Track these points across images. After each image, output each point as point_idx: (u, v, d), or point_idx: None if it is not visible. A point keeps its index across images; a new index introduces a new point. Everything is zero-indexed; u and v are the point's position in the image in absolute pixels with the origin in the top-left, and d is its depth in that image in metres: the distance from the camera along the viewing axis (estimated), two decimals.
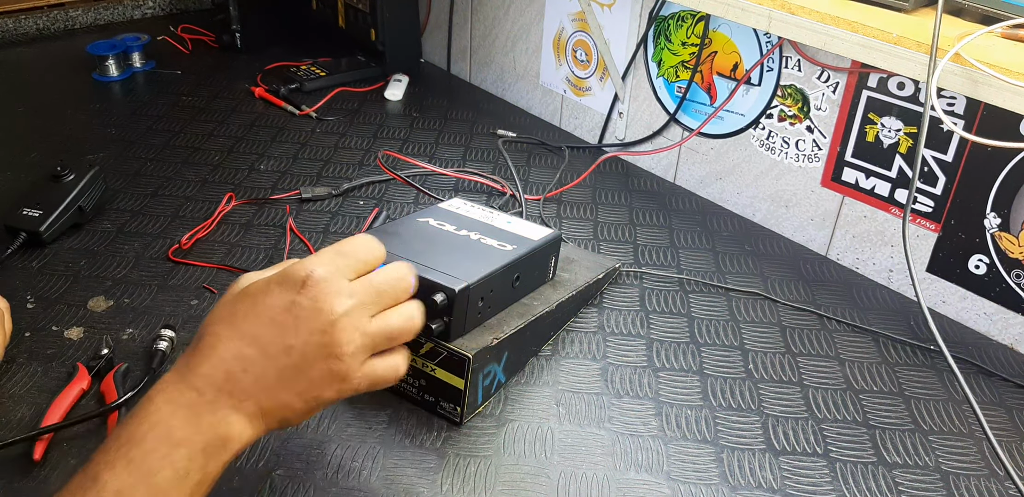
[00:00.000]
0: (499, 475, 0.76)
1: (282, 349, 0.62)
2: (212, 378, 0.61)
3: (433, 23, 1.65)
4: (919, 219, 1.02)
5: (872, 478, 0.78)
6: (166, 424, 0.59)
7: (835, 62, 1.04)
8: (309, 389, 0.63)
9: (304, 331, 0.62)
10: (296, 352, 0.62)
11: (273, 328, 0.62)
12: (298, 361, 0.62)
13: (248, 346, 0.62)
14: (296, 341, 0.62)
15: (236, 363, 0.62)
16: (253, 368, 0.62)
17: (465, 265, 0.81)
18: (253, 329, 0.63)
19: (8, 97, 1.44)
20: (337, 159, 1.29)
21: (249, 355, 0.62)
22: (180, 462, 0.58)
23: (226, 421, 0.61)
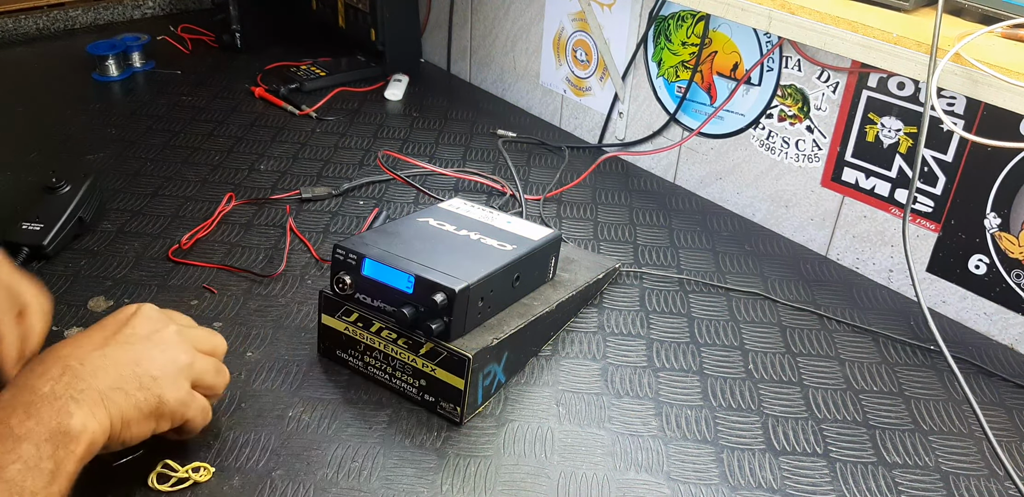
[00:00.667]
0: (499, 475, 0.76)
1: (119, 344, 0.69)
2: (48, 374, 0.64)
3: (433, 23, 1.65)
4: (919, 219, 1.02)
5: (872, 478, 0.78)
6: (5, 423, 0.60)
7: (835, 62, 1.04)
8: (150, 385, 0.68)
9: (142, 330, 0.71)
10: (136, 348, 0.69)
11: (110, 332, 0.70)
12: (137, 356, 0.69)
13: (81, 346, 0.68)
14: (136, 339, 0.70)
15: (74, 359, 0.66)
16: (90, 360, 0.66)
17: (465, 265, 0.81)
18: (87, 336, 0.70)
19: (8, 97, 1.44)
20: (337, 159, 1.29)
21: (86, 352, 0.67)
22: (27, 454, 0.59)
23: (66, 410, 0.62)
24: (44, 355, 0.67)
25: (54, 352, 0.67)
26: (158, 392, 0.68)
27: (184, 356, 0.72)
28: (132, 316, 0.72)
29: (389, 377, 0.84)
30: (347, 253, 0.82)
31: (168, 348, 0.71)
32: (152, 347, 0.70)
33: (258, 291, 0.98)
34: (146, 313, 0.73)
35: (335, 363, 0.87)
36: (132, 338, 0.70)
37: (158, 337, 0.71)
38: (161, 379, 0.69)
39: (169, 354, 0.71)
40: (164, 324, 0.73)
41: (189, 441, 0.77)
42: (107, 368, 0.66)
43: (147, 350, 0.70)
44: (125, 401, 0.66)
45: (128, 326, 0.71)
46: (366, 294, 0.82)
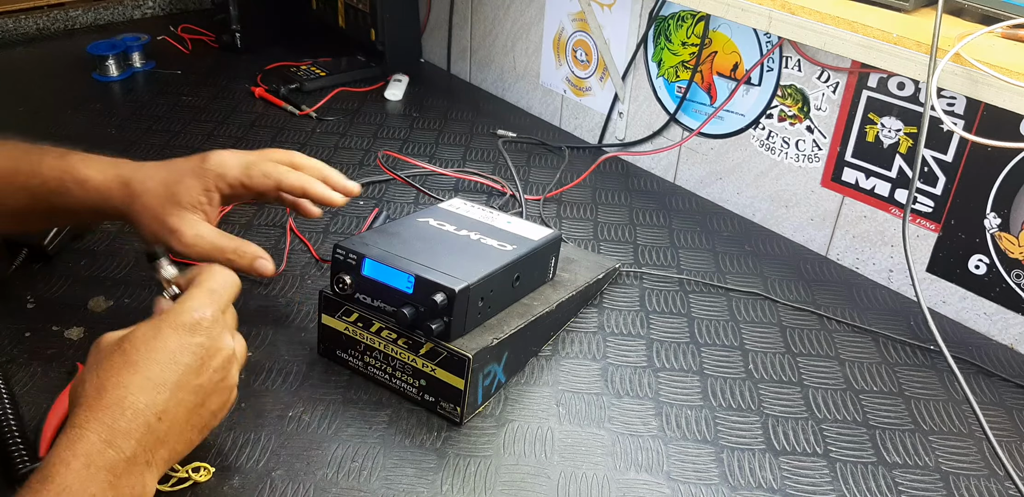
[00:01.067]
0: (499, 475, 0.76)
1: (191, 389, 0.65)
2: (131, 432, 0.60)
3: (433, 23, 1.65)
4: (919, 219, 1.02)
5: (872, 478, 0.78)
6: (87, 492, 0.57)
7: (835, 62, 1.04)
8: (207, 422, 0.68)
9: (209, 369, 0.66)
10: (202, 390, 0.66)
11: (181, 371, 0.65)
12: (204, 398, 0.66)
13: (159, 393, 0.63)
14: (203, 380, 0.66)
15: (151, 412, 0.62)
16: (167, 414, 0.63)
17: (465, 265, 0.81)
18: (162, 375, 0.63)
19: (8, 97, 1.44)
20: (337, 159, 1.29)
21: (162, 401, 0.63)
22: None
23: (142, 481, 0.61)
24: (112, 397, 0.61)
25: (137, 400, 0.62)
26: (210, 426, 0.70)
27: (237, 377, 0.71)
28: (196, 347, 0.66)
29: (389, 377, 0.84)
30: (347, 253, 0.82)
31: (230, 384, 0.70)
32: (214, 384, 0.67)
33: (258, 291, 0.98)
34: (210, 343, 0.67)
35: (335, 363, 0.87)
36: (200, 378, 0.66)
37: (221, 371, 0.68)
38: (218, 413, 0.70)
39: (229, 392, 0.70)
40: (228, 352, 0.69)
41: None
42: (182, 421, 0.65)
43: (212, 389, 0.67)
44: (185, 448, 0.67)
45: (193, 361, 0.66)
46: (366, 294, 0.82)
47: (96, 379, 0.63)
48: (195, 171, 0.82)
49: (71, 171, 0.83)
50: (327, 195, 0.81)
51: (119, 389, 0.62)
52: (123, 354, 0.64)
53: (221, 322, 0.69)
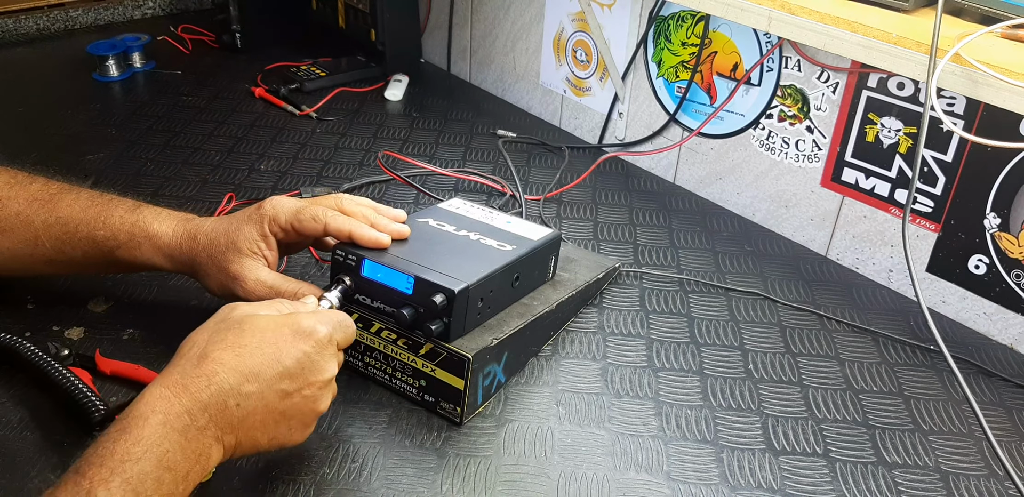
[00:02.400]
0: (499, 475, 0.76)
1: (279, 393, 0.67)
2: (207, 407, 0.64)
3: (433, 23, 1.65)
4: (919, 219, 1.02)
5: (872, 478, 0.78)
6: (161, 447, 0.61)
7: (835, 62, 1.04)
8: (280, 435, 0.69)
9: (304, 382, 0.68)
10: (289, 399, 0.67)
11: (278, 370, 0.67)
12: (287, 408, 0.68)
13: (249, 382, 0.66)
14: (294, 389, 0.67)
15: (233, 396, 0.65)
16: (246, 404, 0.66)
17: (465, 266, 0.81)
18: (259, 367, 0.66)
19: (8, 97, 1.44)
20: (337, 159, 1.29)
21: (247, 391, 0.65)
22: (167, 486, 0.61)
23: (208, 451, 0.64)
24: (207, 369, 0.65)
25: (228, 378, 0.65)
26: (284, 441, 0.70)
27: (323, 408, 0.71)
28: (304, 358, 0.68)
29: (389, 377, 0.84)
30: (347, 254, 0.82)
31: (315, 408, 0.70)
32: (301, 400, 0.68)
33: None
34: (318, 359, 0.69)
35: None
36: (289, 387, 0.67)
37: (311, 390, 0.69)
38: (295, 432, 0.70)
39: (312, 415, 0.70)
40: (330, 374, 0.70)
41: None
42: (254, 418, 0.66)
43: (296, 404, 0.68)
44: (250, 447, 0.68)
45: (293, 368, 0.68)
46: (366, 295, 0.82)
47: (203, 347, 0.67)
48: (251, 217, 0.84)
49: (142, 226, 0.85)
50: (373, 238, 0.82)
51: (216, 364, 0.65)
52: (239, 334, 0.67)
53: (333, 347, 0.71)
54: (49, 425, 0.78)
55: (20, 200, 0.86)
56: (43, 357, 0.81)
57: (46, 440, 0.77)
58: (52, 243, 0.85)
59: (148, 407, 0.62)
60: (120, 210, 0.86)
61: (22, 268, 0.88)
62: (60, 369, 0.80)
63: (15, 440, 0.76)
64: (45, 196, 0.87)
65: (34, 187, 0.87)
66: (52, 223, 0.85)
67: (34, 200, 0.86)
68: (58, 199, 0.86)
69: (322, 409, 0.71)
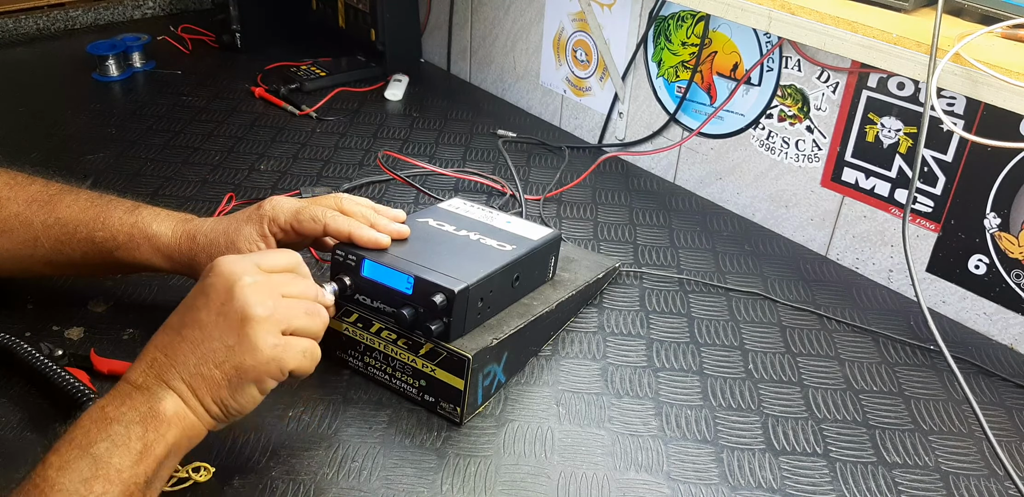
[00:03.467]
0: (499, 475, 0.76)
1: (193, 324, 0.68)
2: (139, 369, 0.67)
3: (433, 23, 1.65)
4: (919, 219, 1.02)
5: (872, 478, 0.78)
6: (99, 408, 0.65)
7: (835, 62, 1.04)
8: (227, 357, 0.67)
9: (214, 303, 0.68)
10: (208, 324, 0.68)
11: (186, 311, 0.69)
12: (211, 331, 0.68)
13: (164, 335, 0.69)
14: (207, 314, 0.68)
15: (158, 350, 0.68)
16: (170, 349, 0.68)
17: (464, 266, 0.81)
18: (171, 319, 0.70)
19: (8, 97, 1.44)
20: (337, 159, 1.29)
21: (166, 341, 0.68)
22: (116, 434, 0.63)
23: (156, 396, 0.66)
24: (146, 345, 0.69)
25: (151, 342, 0.69)
26: (236, 362, 0.67)
27: (259, 310, 0.67)
28: (205, 286, 0.69)
29: (389, 377, 0.84)
30: (347, 254, 0.82)
31: (238, 310, 0.68)
32: (220, 317, 0.68)
33: None
34: (216, 279, 0.69)
35: (335, 363, 0.87)
36: (202, 313, 0.68)
37: (227, 303, 0.68)
38: (236, 346, 0.67)
39: (239, 321, 0.68)
40: (234, 281, 0.68)
41: None
42: (185, 353, 0.67)
43: (217, 321, 0.68)
44: (209, 381, 0.67)
45: (199, 300, 0.69)
46: (366, 295, 0.82)
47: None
48: (250, 217, 0.84)
49: (141, 227, 0.85)
50: (373, 239, 0.82)
51: (151, 340, 0.69)
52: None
53: (239, 264, 0.69)
54: (49, 425, 0.78)
55: (19, 201, 0.86)
56: (39, 358, 0.81)
57: (46, 440, 0.76)
58: (51, 244, 0.85)
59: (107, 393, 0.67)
60: (119, 211, 0.86)
61: (21, 269, 0.88)
62: (57, 370, 0.80)
63: (15, 440, 0.77)
64: (44, 197, 0.87)
65: (33, 188, 0.88)
66: (51, 224, 0.85)
67: (33, 201, 0.86)
68: (57, 200, 0.86)
69: (251, 311, 0.67)
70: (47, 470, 0.61)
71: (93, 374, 0.83)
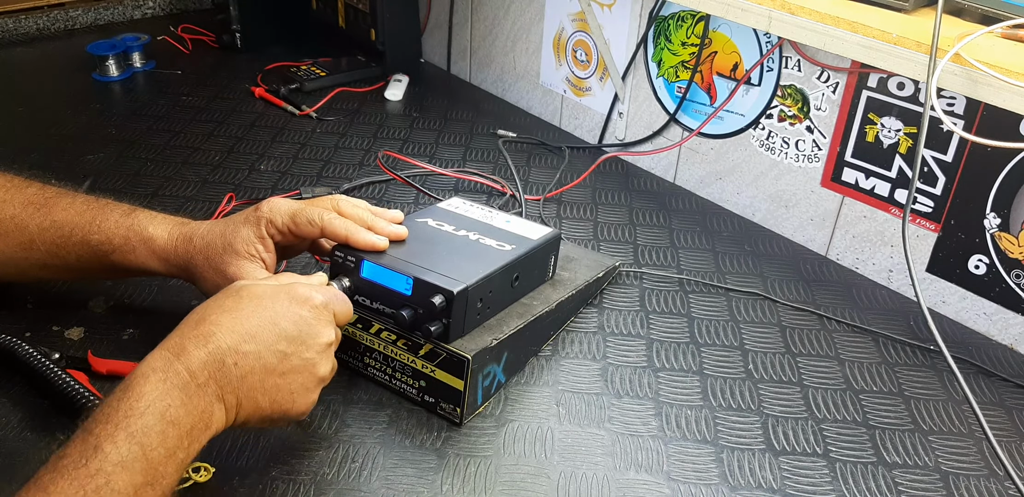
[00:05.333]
0: (499, 475, 0.76)
1: (276, 354, 0.68)
2: (207, 364, 0.65)
3: (433, 23, 1.65)
4: (919, 219, 1.02)
5: (872, 478, 0.78)
6: (163, 402, 0.62)
7: (835, 62, 1.04)
8: (282, 399, 0.69)
9: (301, 344, 0.69)
10: (288, 361, 0.68)
11: (275, 332, 0.68)
12: (286, 370, 0.69)
13: (246, 342, 0.67)
14: (292, 350, 0.69)
15: (231, 355, 0.66)
16: (244, 363, 0.67)
17: (464, 266, 0.81)
18: (256, 329, 0.68)
19: (8, 97, 1.44)
20: (337, 159, 1.29)
21: (245, 351, 0.67)
22: (171, 441, 0.62)
23: (210, 409, 0.65)
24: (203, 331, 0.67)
25: (225, 339, 0.67)
26: (287, 407, 0.70)
27: (328, 375, 0.73)
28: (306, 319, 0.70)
29: (389, 378, 0.84)
30: (346, 255, 0.82)
31: (320, 370, 0.71)
32: (302, 363, 0.70)
33: None
34: (321, 325, 0.71)
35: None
36: (289, 346, 0.69)
37: (314, 353, 0.70)
38: (296, 395, 0.70)
39: (313, 380, 0.71)
40: (331, 341, 0.72)
41: None
42: (255, 375, 0.67)
43: (295, 366, 0.69)
44: (256, 409, 0.68)
45: (291, 329, 0.69)
46: (365, 296, 0.82)
47: (202, 312, 0.69)
48: (248, 219, 0.84)
49: (137, 229, 0.85)
50: (369, 241, 0.82)
51: (213, 326, 0.67)
52: (236, 299, 0.69)
53: (329, 315, 0.72)
54: (49, 425, 0.78)
55: (15, 204, 0.86)
56: (40, 360, 0.81)
57: (46, 440, 0.77)
58: (47, 247, 0.85)
59: (148, 367, 0.64)
60: (115, 214, 0.86)
61: (16, 273, 0.88)
62: (57, 372, 0.80)
63: (15, 440, 0.77)
64: (40, 200, 0.86)
65: (29, 191, 0.87)
66: (47, 227, 0.85)
67: (29, 204, 0.86)
68: (53, 203, 0.86)
69: (322, 374, 0.71)
70: (105, 462, 0.58)
71: (92, 375, 0.83)
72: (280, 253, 0.86)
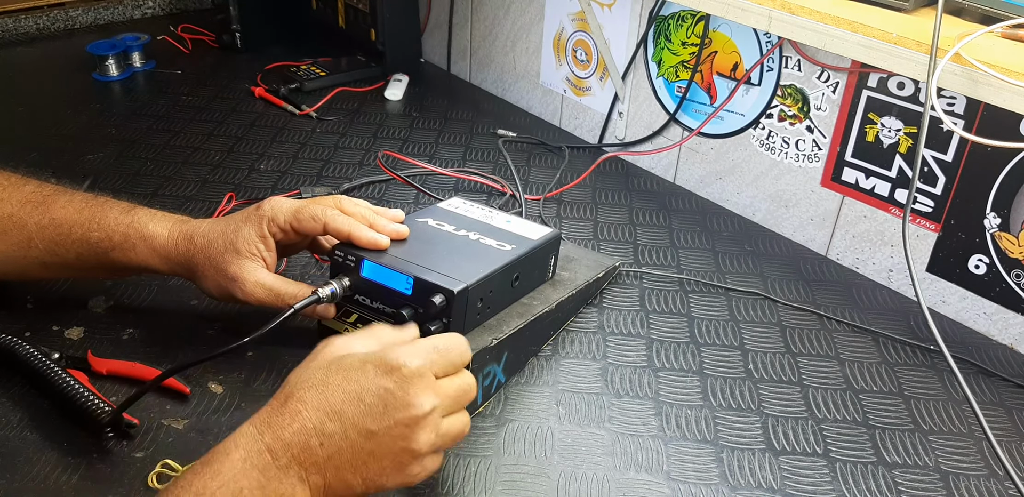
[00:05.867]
0: (499, 475, 0.76)
1: (363, 432, 0.63)
2: (290, 445, 0.62)
3: (433, 23, 1.65)
4: (919, 219, 1.01)
5: (872, 478, 0.78)
6: (237, 483, 0.60)
7: (835, 62, 1.04)
8: (375, 476, 0.64)
9: (389, 420, 0.64)
10: (376, 438, 0.64)
11: (360, 409, 0.64)
12: (374, 447, 0.64)
13: (331, 421, 0.63)
14: (379, 427, 0.63)
15: (316, 435, 0.63)
16: (330, 444, 0.63)
17: (464, 266, 0.81)
18: (340, 405, 0.64)
19: (8, 97, 1.44)
20: (337, 159, 1.29)
21: (330, 430, 0.63)
22: None
23: (292, 491, 0.62)
24: (290, 408, 0.63)
25: (311, 418, 0.63)
26: (381, 482, 0.65)
27: (425, 448, 0.65)
28: (386, 391, 0.64)
29: None
30: (346, 255, 0.82)
31: (411, 443, 0.65)
32: (389, 438, 0.64)
33: None
34: (402, 396, 0.64)
35: None
36: (372, 423, 0.64)
37: (403, 428, 0.64)
38: (389, 470, 0.65)
39: (409, 457, 0.65)
40: (421, 413, 0.64)
41: (188, 441, 0.77)
42: (341, 453, 0.63)
43: (383, 441, 0.64)
44: (347, 489, 0.64)
45: (374, 402, 0.64)
46: (365, 296, 0.82)
47: (292, 386, 0.65)
48: (249, 218, 0.83)
49: (138, 227, 0.84)
50: (372, 239, 0.81)
51: (299, 403, 0.63)
52: (326, 372, 0.65)
53: (426, 380, 0.65)
54: (49, 425, 0.78)
55: (13, 202, 0.85)
56: (43, 360, 0.81)
57: (46, 440, 0.77)
58: (45, 245, 0.84)
59: (232, 443, 0.62)
60: (115, 211, 0.85)
61: (15, 271, 0.88)
62: (60, 373, 0.80)
63: (15, 440, 0.76)
64: (38, 198, 0.86)
65: (27, 189, 0.87)
66: (46, 225, 0.84)
67: (27, 202, 0.86)
68: (52, 201, 0.86)
69: (417, 448, 0.64)
70: None
71: (91, 375, 0.83)
72: (280, 252, 0.86)
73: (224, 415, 0.80)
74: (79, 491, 0.72)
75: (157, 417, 0.80)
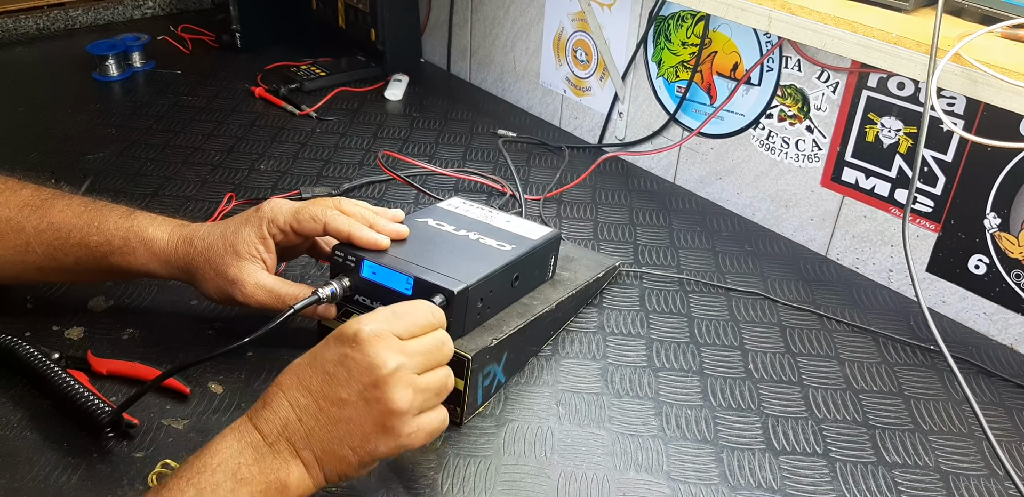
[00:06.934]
0: (499, 475, 0.76)
1: (334, 400, 0.65)
2: (273, 422, 0.65)
3: (433, 23, 1.65)
4: (919, 219, 1.02)
5: (872, 478, 0.78)
6: (234, 460, 0.63)
7: (835, 62, 1.04)
8: (363, 443, 0.66)
9: (357, 384, 0.65)
10: (349, 405, 0.65)
11: (326, 380, 0.66)
12: (352, 414, 0.65)
13: (303, 396, 0.66)
14: (348, 394, 0.65)
15: (293, 411, 0.66)
16: (306, 417, 0.65)
17: (464, 266, 0.81)
18: (309, 380, 0.67)
19: (8, 97, 1.44)
20: (337, 159, 1.29)
21: (304, 404, 0.66)
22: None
23: (286, 467, 0.65)
24: (271, 392, 0.67)
25: (284, 391, 0.66)
26: (371, 448, 0.66)
27: (402, 405, 0.65)
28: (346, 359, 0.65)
29: None
30: (346, 255, 0.82)
31: (383, 402, 0.65)
32: (363, 402, 0.65)
33: None
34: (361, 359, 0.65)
35: None
36: (343, 391, 0.65)
37: (371, 390, 0.65)
38: (373, 434, 0.65)
39: (388, 416, 0.65)
40: (381, 372, 0.65)
41: (188, 441, 0.77)
42: (323, 427, 0.65)
43: (357, 405, 0.65)
44: (340, 461, 0.66)
45: (339, 373, 0.65)
46: (365, 296, 0.82)
47: (282, 373, 0.69)
48: (249, 220, 0.83)
49: (137, 230, 0.84)
50: (372, 239, 0.81)
51: (278, 386, 0.67)
52: (302, 358, 0.69)
53: (385, 341, 0.66)
54: (49, 425, 0.78)
55: (10, 206, 0.85)
56: (43, 361, 0.81)
57: (46, 440, 0.77)
58: (43, 249, 0.84)
59: (229, 427, 0.66)
60: (114, 215, 0.85)
61: (13, 275, 0.87)
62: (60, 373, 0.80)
63: (15, 440, 0.77)
64: (36, 202, 0.86)
65: (25, 193, 0.86)
66: (44, 229, 0.84)
67: (25, 206, 0.85)
68: (50, 205, 0.85)
69: (396, 407, 0.65)
70: None
71: (91, 375, 0.83)
72: (280, 254, 0.86)
73: (224, 415, 0.80)
74: (79, 491, 0.72)
75: (157, 417, 0.80)
